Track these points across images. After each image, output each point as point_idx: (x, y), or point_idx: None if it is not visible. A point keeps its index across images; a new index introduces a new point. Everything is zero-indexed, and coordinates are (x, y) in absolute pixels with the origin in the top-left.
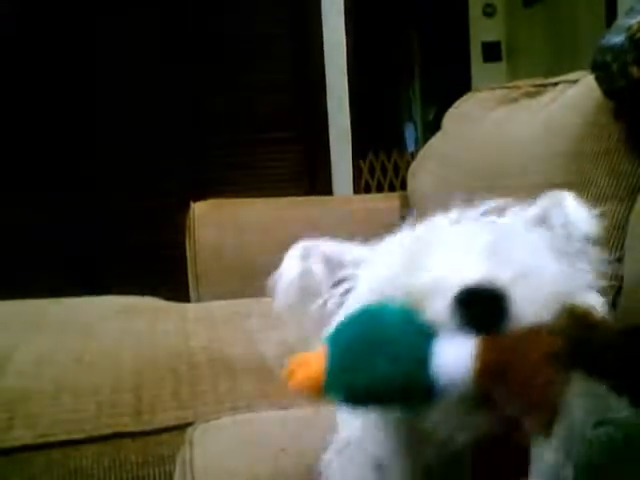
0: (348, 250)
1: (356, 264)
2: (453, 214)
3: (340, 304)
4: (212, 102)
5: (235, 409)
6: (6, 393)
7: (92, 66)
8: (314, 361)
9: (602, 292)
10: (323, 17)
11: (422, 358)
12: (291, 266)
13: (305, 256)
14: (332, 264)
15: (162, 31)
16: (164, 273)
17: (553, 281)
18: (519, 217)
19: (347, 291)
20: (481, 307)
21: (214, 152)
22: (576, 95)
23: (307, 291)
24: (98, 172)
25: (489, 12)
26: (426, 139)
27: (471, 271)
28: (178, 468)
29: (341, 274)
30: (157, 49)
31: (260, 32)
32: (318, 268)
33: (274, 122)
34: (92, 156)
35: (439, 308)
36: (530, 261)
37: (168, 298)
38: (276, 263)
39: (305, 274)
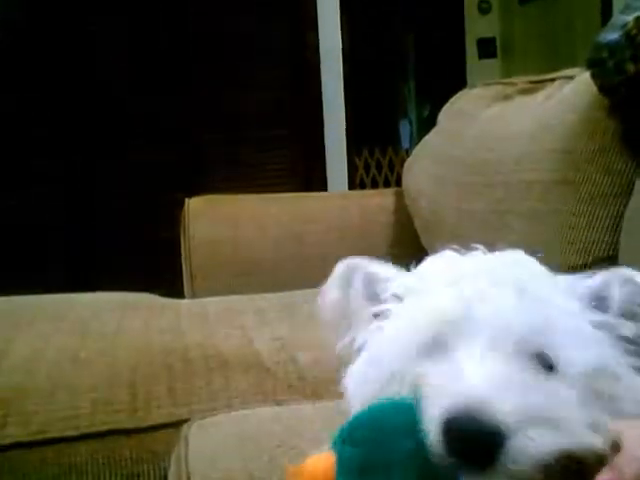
0: (391, 277)
1: (394, 297)
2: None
3: (373, 333)
4: (207, 99)
5: (230, 406)
6: (1, 390)
7: (92, 64)
8: (322, 468)
9: None
10: (319, 15)
11: None
12: (333, 286)
13: (347, 276)
14: (372, 289)
15: (162, 30)
16: (158, 269)
17: (572, 428)
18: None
19: (379, 327)
20: (467, 443)
21: (209, 149)
22: (571, 92)
23: (347, 311)
24: (95, 169)
25: (485, 8)
26: (421, 136)
27: (477, 389)
28: (173, 465)
29: (378, 304)
30: (156, 48)
31: (257, 31)
32: (358, 291)
33: (269, 119)
34: (90, 153)
35: (432, 420)
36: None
37: (162, 294)
38: (270, 259)
39: (345, 295)
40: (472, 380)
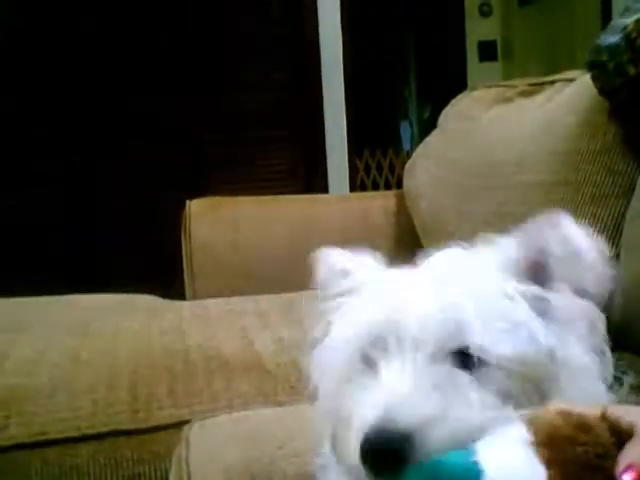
0: (358, 264)
1: (355, 286)
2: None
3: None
4: (207, 99)
5: (231, 407)
6: (2, 391)
7: (92, 64)
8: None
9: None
10: (319, 16)
11: None
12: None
13: (323, 260)
14: (337, 275)
15: (162, 30)
16: (159, 270)
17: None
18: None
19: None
20: (381, 457)
21: (209, 149)
22: (572, 94)
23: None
24: (95, 169)
25: (485, 11)
26: (422, 137)
27: (385, 407)
28: (174, 466)
29: (339, 288)
30: (156, 48)
31: (257, 31)
32: (325, 275)
33: (270, 120)
34: (90, 153)
35: (352, 448)
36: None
37: (164, 296)
38: (271, 261)
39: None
40: (385, 399)
